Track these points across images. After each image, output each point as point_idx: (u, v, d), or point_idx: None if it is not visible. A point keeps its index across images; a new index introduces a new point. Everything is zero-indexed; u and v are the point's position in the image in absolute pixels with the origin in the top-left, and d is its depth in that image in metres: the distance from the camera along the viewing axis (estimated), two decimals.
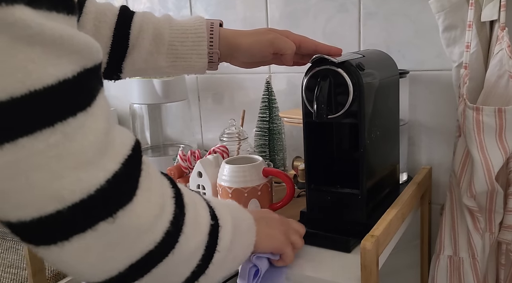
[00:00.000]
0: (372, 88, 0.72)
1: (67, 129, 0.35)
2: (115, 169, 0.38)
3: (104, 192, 0.37)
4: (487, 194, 0.82)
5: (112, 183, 0.37)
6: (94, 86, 0.38)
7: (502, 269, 0.86)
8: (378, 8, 0.97)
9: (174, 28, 0.71)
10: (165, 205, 0.44)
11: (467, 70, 0.79)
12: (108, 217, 0.38)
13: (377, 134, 0.74)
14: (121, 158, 0.39)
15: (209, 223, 0.49)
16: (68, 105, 0.35)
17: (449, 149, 0.93)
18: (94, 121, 0.37)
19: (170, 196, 0.45)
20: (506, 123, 0.75)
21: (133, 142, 0.42)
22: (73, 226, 0.36)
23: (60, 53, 0.35)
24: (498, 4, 0.77)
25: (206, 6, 1.18)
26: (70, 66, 0.35)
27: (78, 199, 0.35)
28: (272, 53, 0.74)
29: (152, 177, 0.43)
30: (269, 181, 0.81)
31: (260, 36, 0.74)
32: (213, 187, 0.86)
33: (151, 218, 0.41)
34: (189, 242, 0.46)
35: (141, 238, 0.41)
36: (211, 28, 0.72)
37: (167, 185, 0.46)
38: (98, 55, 0.39)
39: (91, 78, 0.38)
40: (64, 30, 0.35)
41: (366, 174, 0.72)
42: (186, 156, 0.98)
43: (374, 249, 0.62)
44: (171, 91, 1.16)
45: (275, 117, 1.04)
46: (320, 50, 0.76)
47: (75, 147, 0.35)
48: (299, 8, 1.06)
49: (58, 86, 0.34)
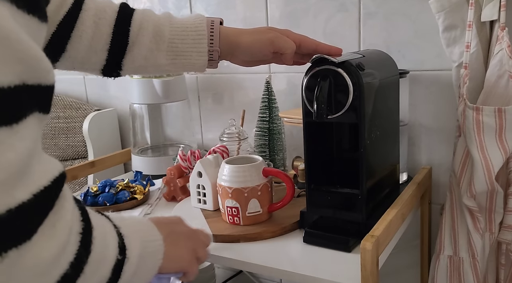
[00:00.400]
0: (372, 88, 0.72)
1: None
2: (23, 200, 0.34)
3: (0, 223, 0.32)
4: (487, 194, 0.82)
5: (12, 215, 0.33)
6: (30, 106, 0.35)
7: (502, 269, 0.86)
8: (378, 8, 0.97)
9: (175, 25, 0.71)
10: (69, 243, 0.39)
11: (467, 70, 0.79)
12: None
13: (377, 134, 0.74)
14: (35, 188, 0.35)
15: (115, 258, 0.47)
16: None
17: (449, 149, 0.93)
18: (18, 140, 0.33)
19: (77, 231, 0.41)
20: (506, 123, 0.75)
21: (57, 173, 0.38)
22: None
23: (4, 58, 0.32)
24: (498, 4, 0.77)
25: (206, 6, 1.18)
26: (10, 76, 0.32)
27: None
28: (272, 52, 0.74)
29: (64, 211, 0.39)
30: (269, 181, 0.81)
31: (260, 35, 0.74)
32: (213, 187, 0.86)
33: (49, 260, 0.36)
34: (88, 282, 0.42)
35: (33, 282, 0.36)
36: (212, 26, 0.72)
37: (77, 219, 0.42)
38: (48, 78, 0.36)
39: (30, 96, 0.34)
40: (22, 38, 0.32)
41: (366, 174, 0.72)
42: (186, 156, 0.98)
43: (374, 249, 0.62)
44: (171, 91, 1.16)
45: (275, 117, 1.04)
46: (320, 50, 0.75)
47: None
48: (299, 8, 1.06)
49: None
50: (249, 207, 0.79)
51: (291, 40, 0.74)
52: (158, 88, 1.14)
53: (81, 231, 0.41)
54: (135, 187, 1.01)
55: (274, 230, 0.78)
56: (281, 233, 0.79)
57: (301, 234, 0.77)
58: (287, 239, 0.77)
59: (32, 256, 0.35)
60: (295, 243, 0.76)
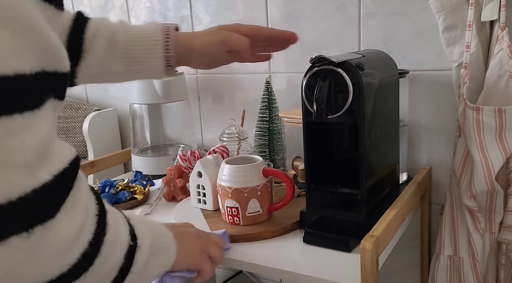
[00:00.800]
0: (372, 88, 0.72)
1: (11, 125, 0.33)
2: (45, 180, 0.36)
3: (26, 201, 0.34)
4: (487, 194, 0.82)
5: (37, 195, 0.35)
6: (48, 92, 0.37)
7: (502, 269, 0.86)
8: (378, 7, 0.97)
9: (130, 32, 0.71)
10: (87, 224, 0.42)
11: (467, 70, 0.79)
12: (22, 232, 0.34)
13: (377, 134, 0.74)
14: (56, 170, 0.37)
15: (128, 244, 0.48)
16: (18, 101, 0.34)
17: (449, 149, 0.93)
18: (39, 125, 0.35)
19: (94, 213, 0.43)
20: (506, 123, 0.75)
21: (73, 156, 0.40)
22: None
23: (27, 46, 0.33)
24: (498, 4, 0.77)
25: (206, 6, 1.18)
26: (32, 63, 0.34)
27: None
28: (227, 51, 0.72)
29: (80, 193, 0.41)
30: (269, 181, 0.81)
31: (211, 37, 0.72)
32: (213, 187, 0.86)
33: (70, 238, 0.39)
34: (105, 264, 0.44)
35: (55, 260, 0.38)
36: (167, 32, 0.72)
37: (92, 202, 0.44)
38: (64, 65, 0.37)
39: (48, 83, 0.36)
40: (43, 26, 0.34)
41: (366, 174, 0.72)
42: (186, 156, 0.98)
43: (374, 249, 0.62)
44: (171, 91, 1.16)
45: (275, 117, 1.04)
46: (274, 36, 0.75)
47: (15, 145, 0.34)
48: (299, 8, 1.06)
49: (13, 79, 0.33)
50: (249, 207, 0.79)
51: (243, 36, 0.72)
52: (158, 88, 1.14)
53: (97, 213, 0.44)
54: (135, 187, 1.01)
55: (274, 230, 0.78)
56: (281, 233, 0.79)
57: (301, 234, 0.77)
58: (287, 239, 0.77)
59: (55, 233, 0.37)
60: (295, 243, 0.76)
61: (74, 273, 0.40)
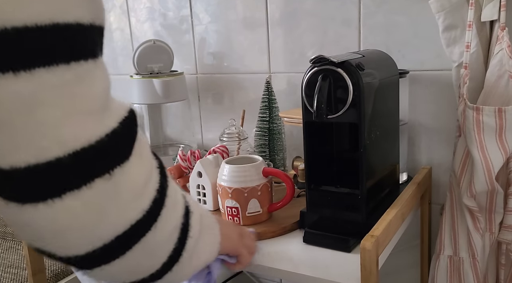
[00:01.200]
0: (372, 88, 0.72)
1: (80, 70, 0.34)
2: (113, 127, 0.37)
3: (104, 145, 0.36)
4: (487, 194, 0.82)
5: (111, 139, 0.36)
6: (100, 44, 0.38)
7: (502, 269, 0.86)
8: (378, 8, 0.97)
9: None
10: (152, 173, 0.43)
11: (467, 70, 0.79)
12: (105, 173, 0.36)
13: (377, 134, 0.74)
14: (119, 117, 0.38)
15: (184, 204, 0.48)
16: (81, 48, 0.35)
17: (449, 149, 0.93)
18: (100, 72, 0.37)
19: (156, 166, 0.44)
20: (506, 123, 0.75)
21: (129, 105, 0.41)
22: (69, 181, 0.34)
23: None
24: (498, 4, 0.77)
25: (206, 6, 1.18)
26: (87, 13, 0.35)
27: (80, 147, 0.34)
28: None
29: (143, 144, 0.42)
30: (269, 181, 0.81)
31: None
32: (213, 187, 0.86)
33: (143, 183, 0.40)
34: (169, 218, 0.44)
35: (133, 203, 0.39)
36: None
37: (152, 156, 0.45)
38: (104, 19, 0.38)
39: (97, 35, 0.37)
40: None
41: (366, 174, 0.72)
42: (186, 156, 0.98)
43: (374, 249, 0.62)
44: (171, 91, 1.16)
45: (275, 117, 1.04)
46: None
47: (85, 90, 0.35)
48: (299, 8, 1.06)
49: (75, 27, 0.34)
50: (249, 207, 0.79)
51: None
52: (158, 88, 1.14)
53: (158, 166, 0.44)
54: None
55: (274, 230, 0.78)
56: (281, 233, 0.79)
57: (301, 234, 0.77)
58: (287, 239, 0.78)
59: (131, 176, 0.38)
60: (295, 243, 0.76)
61: (147, 221, 0.41)
